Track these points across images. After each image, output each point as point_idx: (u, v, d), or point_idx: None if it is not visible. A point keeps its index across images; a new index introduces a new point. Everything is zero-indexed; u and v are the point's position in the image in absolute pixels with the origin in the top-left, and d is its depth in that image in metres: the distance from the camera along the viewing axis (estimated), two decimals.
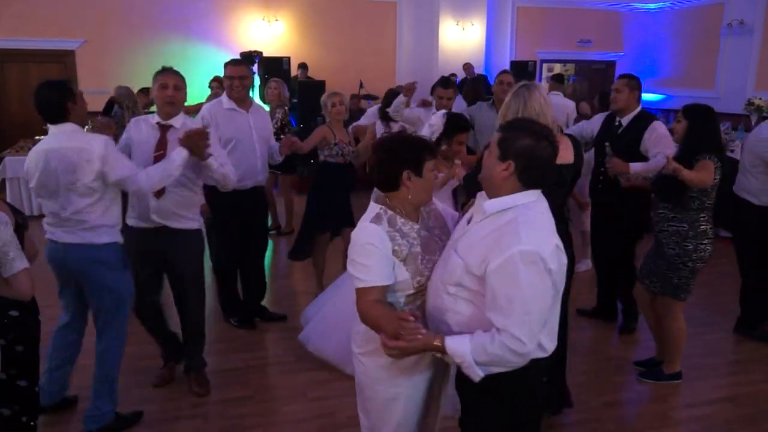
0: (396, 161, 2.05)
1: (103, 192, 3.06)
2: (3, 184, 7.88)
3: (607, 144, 4.27)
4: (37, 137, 8.54)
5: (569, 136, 3.28)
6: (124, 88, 6.73)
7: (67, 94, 3.02)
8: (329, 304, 4.04)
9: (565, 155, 3.08)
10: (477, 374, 1.83)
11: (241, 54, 10.16)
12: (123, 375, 3.83)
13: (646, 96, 13.48)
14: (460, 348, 1.84)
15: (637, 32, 13.60)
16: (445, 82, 5.25)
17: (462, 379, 1.97)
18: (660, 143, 4.06)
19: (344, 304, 3.75)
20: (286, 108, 6.64)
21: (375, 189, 2.26)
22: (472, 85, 9.48)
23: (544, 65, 13.50)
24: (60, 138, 3.01)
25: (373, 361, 2.13)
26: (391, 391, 2.15)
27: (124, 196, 3.39)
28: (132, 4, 10.60)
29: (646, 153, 4.15)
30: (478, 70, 11.57)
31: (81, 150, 2.96)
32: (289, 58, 10.63)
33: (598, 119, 4.59)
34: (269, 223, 6.09)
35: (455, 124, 3.85)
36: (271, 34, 11.39)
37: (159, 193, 3.38)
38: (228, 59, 4.67)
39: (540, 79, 13.22)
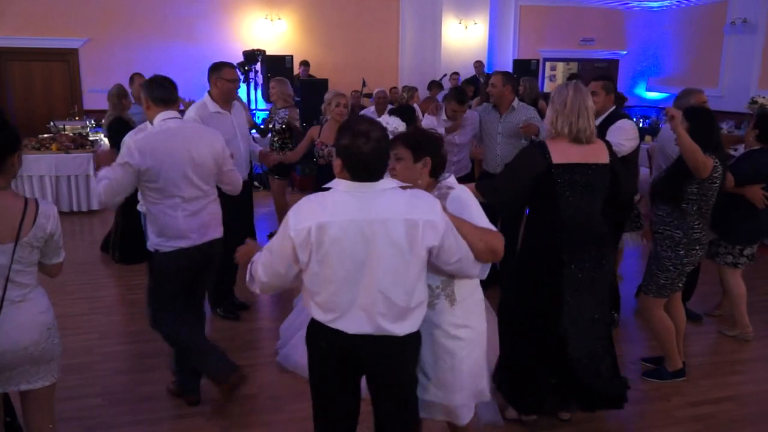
0: None
1: None
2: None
3: None
4: (40, 135, 8.55)
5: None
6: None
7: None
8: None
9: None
10: None
11: (244, 53, 10.15)
12: (130, 372, 3.86)
13: (649, 94, 13.47)
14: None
15: (640, 30, 13.58)
16: (462, 96, 5.22)
17: None
18: (613, 133, 4.07)
19: None
20: (295, 108, 6.46)
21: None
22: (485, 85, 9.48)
23: (547, 64, 13.48)
24: None
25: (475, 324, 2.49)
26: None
27: None
28: (135, 2, 10.61)
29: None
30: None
31: None
32: (291, 56, 10.63)
33: None
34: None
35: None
36: (273, 32, 11.39)
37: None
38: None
39: (543, 78, 13.20)
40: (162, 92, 3.27)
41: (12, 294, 2.37)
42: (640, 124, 10.79)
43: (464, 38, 11.93)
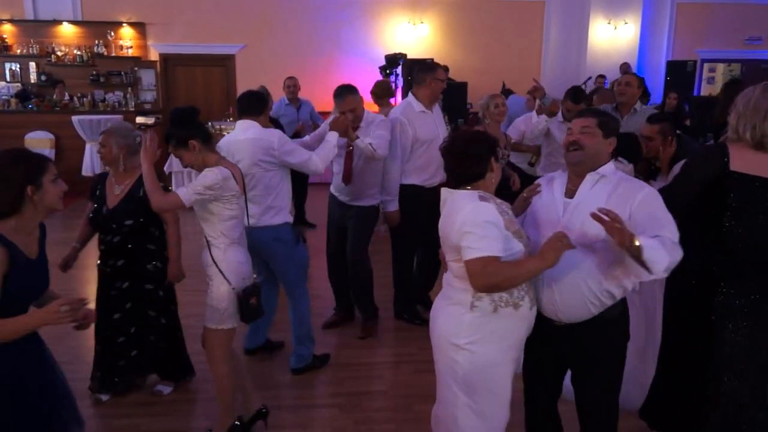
0: (486, 154, 2.38)
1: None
2: (170, 176, 8.66)
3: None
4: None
5: None
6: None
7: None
8: None
9: None
10: (664, 263, 2.16)
11: (386, 56, 10.37)
12: (266, 359, 4.08)
13: None
14: (651, 243, 2.13)
15: None
16: (576, 96, 5.04)
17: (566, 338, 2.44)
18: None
19: None
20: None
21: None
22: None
23: (705, 65, 12.50)
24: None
25: (484, 346, 2.33)
26: (503, 371, 2.38)
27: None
28: (287, 10, 11.20)
29: None
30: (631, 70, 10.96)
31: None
32: (432, 59, 10.69)
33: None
34: None
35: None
36: (415, 36, 11.54)
37: (347, 181, 4.27)
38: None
39: (700, 81, 12.26)
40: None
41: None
42: None
43: (612, 39, 11.39)
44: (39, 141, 9.54)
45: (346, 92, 4.13)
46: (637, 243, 2.09)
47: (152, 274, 3.51)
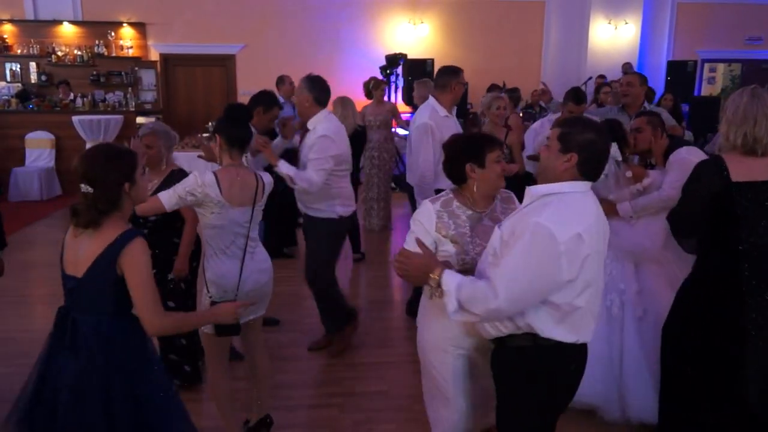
0: (460, 157, 2.39)
1: None
2: None
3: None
4: (200, 135, 9.28)
5: None
6: None
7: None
8: None
9: None
10: (453, 304, 2.07)
11: (386, 57, 10.38)
12: (272, 360, 4.07)
13: None
14: (450, 278, 2.10)
15: None
16: (578, 97, 4.99)
17: (494, 358, 2.26)
18: (672, 171, 3.33)
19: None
20: None
21: None
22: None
23: (706, 65, 12.50)
24: None
25: (428, 326, 2.55)
26: (440, 357, 2.53)
27: None
28: (287, 10, 11.20)
29: None
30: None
31: None
32: (432, 59, 10.70)
33: None
34: None
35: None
36: (416, 36, 11.54)
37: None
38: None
39: (700, 81, 12.25)
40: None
41: (249, 246, 3.01)
42: None
43: (613, 39, 11.39)
44: (39, 141, 9.53)
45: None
46: (433, 276, 2.14)
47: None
